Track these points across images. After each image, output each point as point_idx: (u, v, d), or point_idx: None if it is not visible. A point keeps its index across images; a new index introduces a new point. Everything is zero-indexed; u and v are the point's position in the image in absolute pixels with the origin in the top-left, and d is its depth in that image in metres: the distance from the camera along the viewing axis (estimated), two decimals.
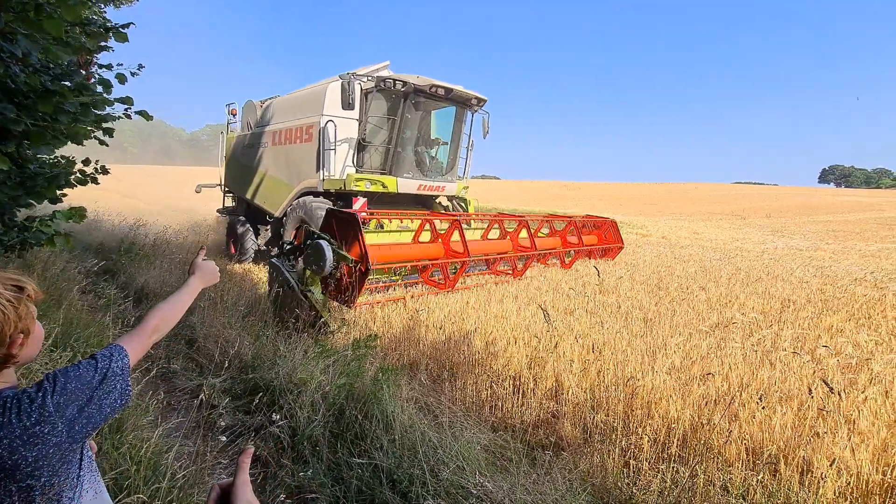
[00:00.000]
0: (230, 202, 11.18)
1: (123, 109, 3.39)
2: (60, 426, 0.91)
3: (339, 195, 7.31)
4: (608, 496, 2.38)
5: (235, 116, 10.77)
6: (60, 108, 2.84)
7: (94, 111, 3.21)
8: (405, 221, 6.82)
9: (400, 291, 5.29)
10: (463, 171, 8.65)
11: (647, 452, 2.62)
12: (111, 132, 3.65)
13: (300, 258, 4.90)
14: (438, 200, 8.90)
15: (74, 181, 3.49)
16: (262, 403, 3.07)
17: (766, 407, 2.74)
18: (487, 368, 3.58)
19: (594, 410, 3.02)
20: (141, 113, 3.43)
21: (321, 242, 4.52)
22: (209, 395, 3.19)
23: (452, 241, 5.68)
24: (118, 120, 3.58)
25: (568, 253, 7.64)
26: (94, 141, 3.66)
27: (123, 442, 2.26)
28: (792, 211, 38.79)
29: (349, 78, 6.65)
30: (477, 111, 8.20)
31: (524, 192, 55.46)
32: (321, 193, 7.47)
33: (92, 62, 3.41)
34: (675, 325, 4.40)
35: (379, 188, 7.14)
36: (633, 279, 6.63)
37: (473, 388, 3.41)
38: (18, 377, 1.05)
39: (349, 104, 6.67)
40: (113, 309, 4.57)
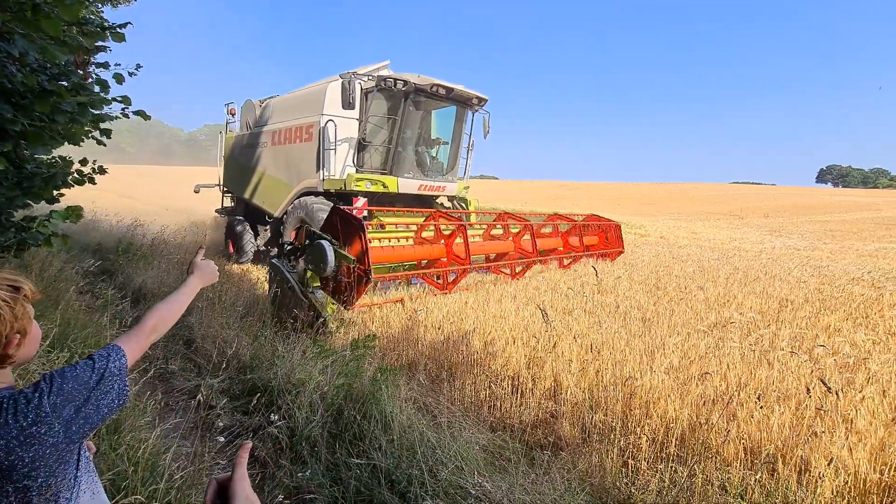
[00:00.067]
0: (229, 202, 11.15)
1: (121, 109, 3.37)
2: (57, 427, 0.91)
3: (339, 195, 7.28)
4: (607, 496, 2.38)
5: (234, 116, 10.72)
6: (58, 107, 2.83)
7: (91, 111, 3.20)
8: (406, 222, 6.80)
9: (400, 292, 5.29)
10: (463, 171, 8.62)
11: (645, 452, 2.63)
12: (108, 133, 3.63)
13: (301, 259, 4.89)
14: (439, 201, 8.87)
15: (72, 181, 3.47)
16: (260, 404, 3.06)
17: (764, 406, 2.74)
18: (486, 368, 3.58)
19: (593, 410, 3.03)
20: (139, 113, 3.41)
21: (323, 243, 4.50)
22: (207, 395, 3.18)
23: (455, 243, 5.68)
24: (115, 120, 3.56)
25: (568, 254, 7.67)
26: (91, 141, 3.65)
27: (121, 443, 2.25)
28: (789, 211, 38.90)
29: (350, 77, 6.61)
30: (478, 111, 8.17)
31: (523, 192, 55.48)
32: (321, 193, 7.45)
33: (89, 62, 3.39)
34: (673, 324, 4.40)
35: (380, 188, 7.11)
36: (631, 279, 6.64)
37: (472, 388, 3.41)
38: (16, 378, 1.05)
39: (350, 103, 6.63)
40: (110, 309, 4.55)
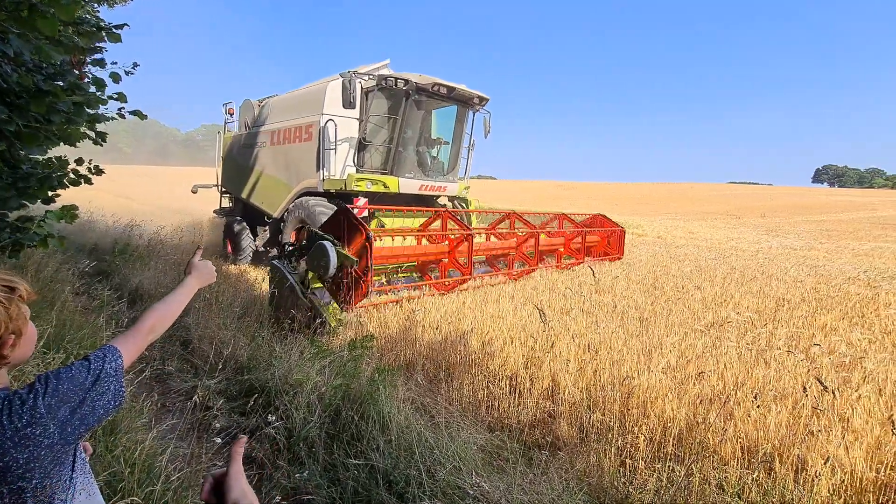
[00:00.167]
0: (227, 203, 11.05)
1: (118, 109, 3.35)
2: (52, 428, 0.90)
3: (339, 195, 7.21)
4: (605, 495, 2.38)
5: (233, 116, 10.62)
6: (53, 108, 2.81)
7: (87, 111, 3.18)
8: (407, 222, 6.78)
9: (400, 294, 5.27)
10: (464, 171, 8.56)
11: (643, 451, 2.63)
12: (104, 136, 3.61)
13: (302, 259, 4.85)
14: (440, 201, 8.81)
15: (67, 182, 3.45)
16: (257, 405, 3.05)
17: (760, 406, 2.75)
18: (484, 368, 3.58)
19: (590, 410, 3.03)
20: (135, 112, 3.39)
21: (325, 244, 4.45)
22: (204, 396, 3.17)
23: (459, 249, 5.72)
24: (111, 120, 3.54)
25: (568, 258, 7.71)
26: (88, 141, 3.62)
27: (117, 444, 2.24)
28: (786, 210, 39.06)
29: (350, 76, 6.54)
30: (478, 111, 8.12)
31: (521, 192, 55.54)
32: (321, 194, 7.39)
33: (85, 62, 3.37)
34: (670, 324, 4.41)
35: (380, 188, 7.05)
36: (628, 279, 6.65)
37: (470, 388, 3.41)
38: (11, 379, 1.04)
39: (350, 103, 6.57)
40: (107, 310, 4.54)
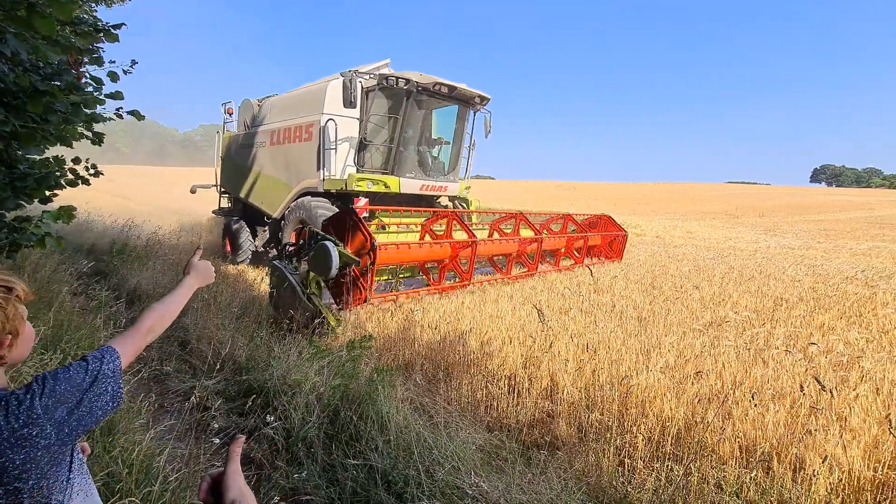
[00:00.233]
0: (226, 203, 11.00)
1: (115, 109, 3.34)
2: (49, 429, 0.90)
3: (339, 195, 7.18)
4: (603, 495, 2.39)
5: (232, 116, 10.56)
6: (50, 108, 2.80)
7: (84, 110, 3.17)
8: (407, 222, 6.74)
9: (403, 297, 5.22)
10: (464, 171, 8.53)
11: (641, 451, 2.63)
12: (101, 137, 3.60)
13: (303, 260, 4.80)
14: (440, 201, 8.76)
15: (65, 182, 3.44)
16: (255, 405, 3.05)
17: (758, 405, 2.75)
18: (482, 368, 3.58)
19: (589, 410, 3.03)
20: (133, 113, 3.38)
21: (327, 244, 4.39)
22: (202, 396, 3.17)
23: (462, 253, 5.63)
24: (109, 121, 3.53)
25: (567, 259, 7.70)
26: (86, 141, 3.61)
27: (115, 444, 2.24)
28: (784, 210, 39.14)
29: (351, 76, 6.50)
30: (479, 110, 8.08)
31: (521, 192, 55.52)
32: (321, 194, 7.34)
33: (82, 62, 3.36)
34: (669, 323, 4.42)
35: (381, 188, 7.01)
36: (627, 278, 6.66)
37: (469, 388, 3.41)
38: (8, 379, 1.04)
39: (351, 102, 6.53)
40: (104, 311, 4.53)
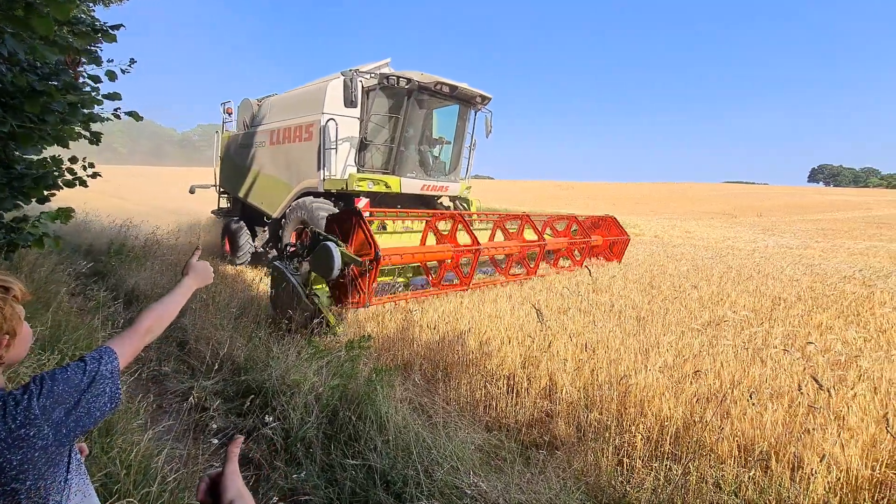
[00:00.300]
0: (225, 203, 10.95)
1: (113, 109, 3.34)
2: (46, 429, 0.90)
3: (340, 195, 7.15)
4: (602, 494, 2.39)
5: (231, 115, 10.52)
6: (48, 108, 2.79)
7: (82, 111, 3.16)
8: (408, 223, 6.71)
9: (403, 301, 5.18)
10: (465, 171, 8.48)
11: (640, 450, 2.63)
12: (99, 136, 3.59)
13: (305, 261, 4.76)
14: (441, 201, 8.73)
15: (63, 183, 3.43)
16: (254, 405, 3.04)
17: (757, 404, 2.76)
18: (481, 368, 3.58)
19: (588, 409, 3.03)
20: (131, 114, 3.37)
21: (329, 245, 4.35)
22: (200, 397, 3.16)
23: (459, 238, 5.57)
24: (107, 122, 3.52)
25: (566, 261, 7.70)
26: (83, 141, 3.60)
27: (113, 445, 2.23)
28: (782, 210, 39.25)
29: (352, 75, 6.46)
30: (480, 109, 8.05)
31: (520, 192, 55.56)
32: (322, 194, 7.30)
33: (79, 62, 3.36)
34: (667, 323, 4.42)
35: (382, 188, 6.97)
36: (625, 278, 6.66)
37: (467, 387, 3.41)
38: (6, 380, 1.03)
39: (352, 102, 6.48)
40: (102, 311, 4.52)
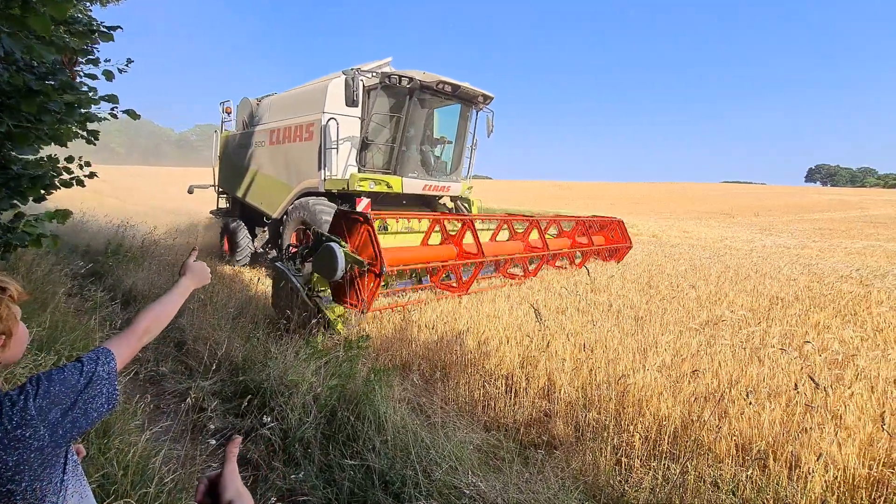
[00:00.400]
0: (224, 203, 10.88)
1: (110, 108, 3.33)
2: (42, 430, 0.89)
3: (341, 195, 7.10)
4: (600, 494, 2.39)
5: (230, 115, 10.46)
6: (44, 107, 2.78)
7: (79, 110, 3.15)
8: (411, 222, 6.68)
9: (406, 297, 5.15)
10: (467, 170, 8.43)
11: (638, 450, 2.64)
12: (96, 135, 3.58)
13: (307, 262, 4.72)
14: (442, 201, 8.68)
15: (60, 183, 3.42)
16: (252, 406, 3.04)
17: (754, 403, 2.76)
18: (480, 368, 3.58)
19: (586, 409, 3.04)
20: (128, 112, 3.36)
21: (332, 246, 4.30)
22: (198, 397, 3.15)
23: (465, 242, 5.52)
24: (103, 121, 3.51)
25: (563, 258, 7.71)
26: (80, 141, 3.59)
27: (110, 446, 2.23)
28: (779, 210, 39.35)
29: (353, 74, 6.41)
30: (482, 109, 8.00)
31: (518, 192, 55.59)
32: (322, 194, 7.25)
33: (76, 61, 3.34)
34: (665, 323, 4.43)
35: (384, 188, 6.92)
36: (624, 278, 6.67)
37: (466, 387, 3.41)
38: (2, 381, 1.03)
39: (353, 101, 6.42)
40: (100, 312, 4.51)
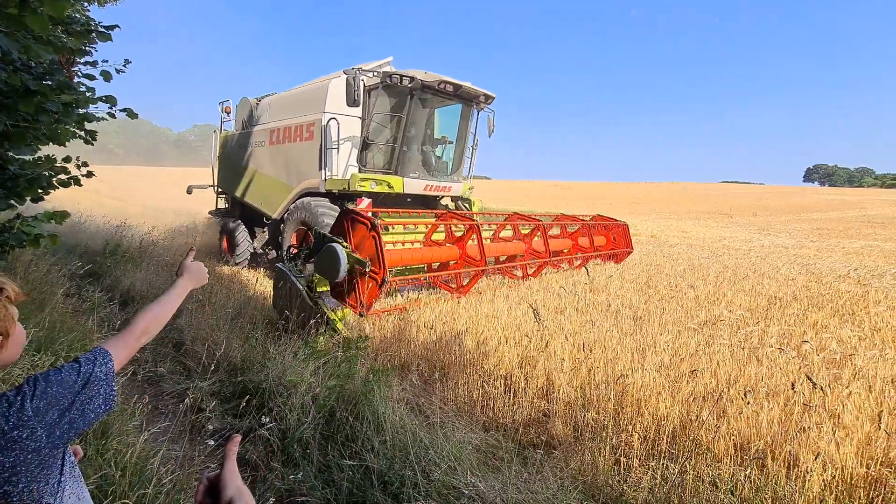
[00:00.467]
0: (223, 203, 10.84)
1: (108, 108, 3.32)
2: (39, 431, 0.89)
3: (341, 196, 7.06)
4: (599, 493, 2.39)
5: (229, 115, 10.42)
6: (42, 107, 2.78)
7: (77, 110, 3.14)
8: (413, 222, 6.67)
9: (407, 297, 5.14)
10: (467, 171, 8.41)
11: (637, 450, 2.64)
12: (94, 136, 3.57)
13: (308, 263, 4.69)
14: (443, 202, 8.66)
15: (57, 183, 3.41)
16: (251, 406, 3.03)
17: (753, 403, 2.77)
18: (478, 368, 3.58)
19: (585, 409, 3.04)
20: (126, 111, 3.36)
21: (335, 246, 4.26)
22: (196, 398, 3.15)
23: (469, 245, 5.52)
24: (101, 121, 3.50)
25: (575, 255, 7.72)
26: (78, 141, 3.58)
27: (108, 447, 2.22)
28: (778, 209, 39.44)
29: (355, 73, 6.36)
30: (483, 109, 7.98)
31: (516, 192, 55.61)
32: (322, 194, 7.22)
33: (74, 61, 3.34)
34: (664, 322, 4.44)
35: (385, 188, 6.90)
36: (622, 278, 6.68)
37: (465, 388, 3.41)
38: None
39: (354, 101, 6.39)
40: (98, 312, 4.49)
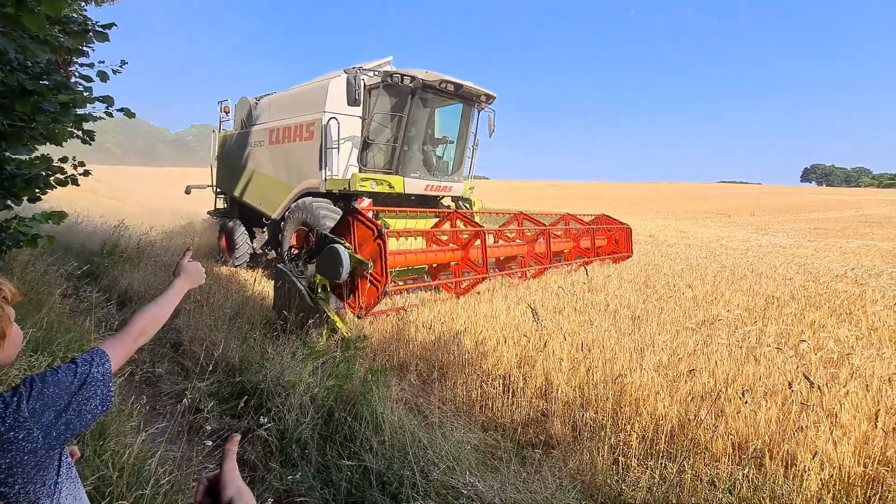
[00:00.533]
0: (222, 203, 10.79)
1: (105, 108, 3.31)
2: (36, 432, 0.89)
3: (342, 196, 7.05)
4: (598, 493, 2.40)
5: (228, 114, 10.39)
6: (38, 107, 2.77)
7: (74, 110, 3.13)
8: (410, 223, 6.65)
9: (407, 297, 5.13)
10: (468, 170, 8.40)
11: (635, 449, 2.65)
12: (91, 135, 3.56)
13: (309, 263, 4.67)
14: (444, 202, 8.64)
15: (54, 182, 3.39)
16: (249, 407, 3.03)
17: (750, 402, 2.77)
18: (477, 368, 3.58)
19: (583, 408, 3.04)
20: (123, 110, 3.35)
21: (337, 247, 4.24)
22: (194, 398, 3.14)
23: (472, 250, 5.52)
24: (98, 121, 3.49)
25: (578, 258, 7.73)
26: (76, 140, 3.57)
27: (106, 448, 2.21)
28: (775, 209, 39.53)
29: (355, 73, 6.33)
30: (484, 108, 7.97)
31: (515, 192, 55.58)
32: (323, 194, 7.20)
33: (71, 61, 3.33)
34: (662, 322, 4.45)
35: (385, 188, 6.87)
36: (620, 277, 6.69)
37: (463, 387, 3.41)
38: None
39: (355, 100, 6.35)
40: (95, 312, 4.47)
